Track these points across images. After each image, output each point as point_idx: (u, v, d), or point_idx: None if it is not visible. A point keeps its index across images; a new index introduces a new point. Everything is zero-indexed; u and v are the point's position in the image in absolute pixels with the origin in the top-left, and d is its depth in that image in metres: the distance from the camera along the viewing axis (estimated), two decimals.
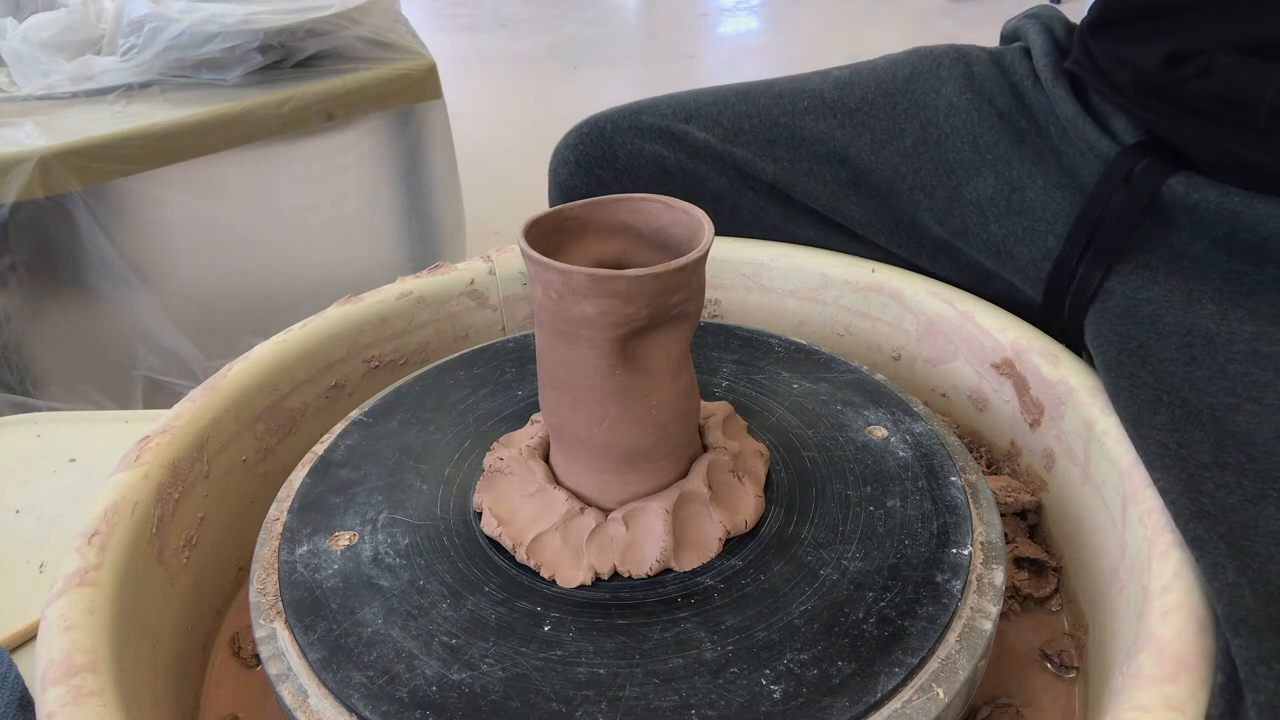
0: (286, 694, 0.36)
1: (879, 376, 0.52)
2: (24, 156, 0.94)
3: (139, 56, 1.09)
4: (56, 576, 0.38)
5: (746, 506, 0.41)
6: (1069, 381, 0.48)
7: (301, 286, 1.21)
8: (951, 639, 0.36)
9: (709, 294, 0.64)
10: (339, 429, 0.50)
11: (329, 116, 1.13)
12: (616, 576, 0.39)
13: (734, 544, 0.40)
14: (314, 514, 0.43)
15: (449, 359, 0.55)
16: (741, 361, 0.54)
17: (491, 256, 0.63)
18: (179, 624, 0.44)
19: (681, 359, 0.39)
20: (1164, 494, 0.38)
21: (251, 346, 0.53)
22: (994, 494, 0.45)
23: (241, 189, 1.13)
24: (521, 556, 0.39)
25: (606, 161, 0.64)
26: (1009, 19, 0.63)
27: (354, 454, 0.47)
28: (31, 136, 0.97)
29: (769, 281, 0.63)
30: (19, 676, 0.41)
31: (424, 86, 1.21)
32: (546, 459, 0.43)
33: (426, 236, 1.34)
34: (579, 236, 0.40)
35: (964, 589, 0.38)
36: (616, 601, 0.38)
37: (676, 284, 0.35)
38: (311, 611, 0.38)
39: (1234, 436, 0.39)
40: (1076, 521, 0.47)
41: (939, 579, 0.38)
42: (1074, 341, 0.52)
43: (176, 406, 0.49)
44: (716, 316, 0.65)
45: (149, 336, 1.08)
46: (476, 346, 0.57)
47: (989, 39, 0.63)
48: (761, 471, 0.44)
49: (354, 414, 0.51)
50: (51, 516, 0.60)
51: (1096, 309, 0.49)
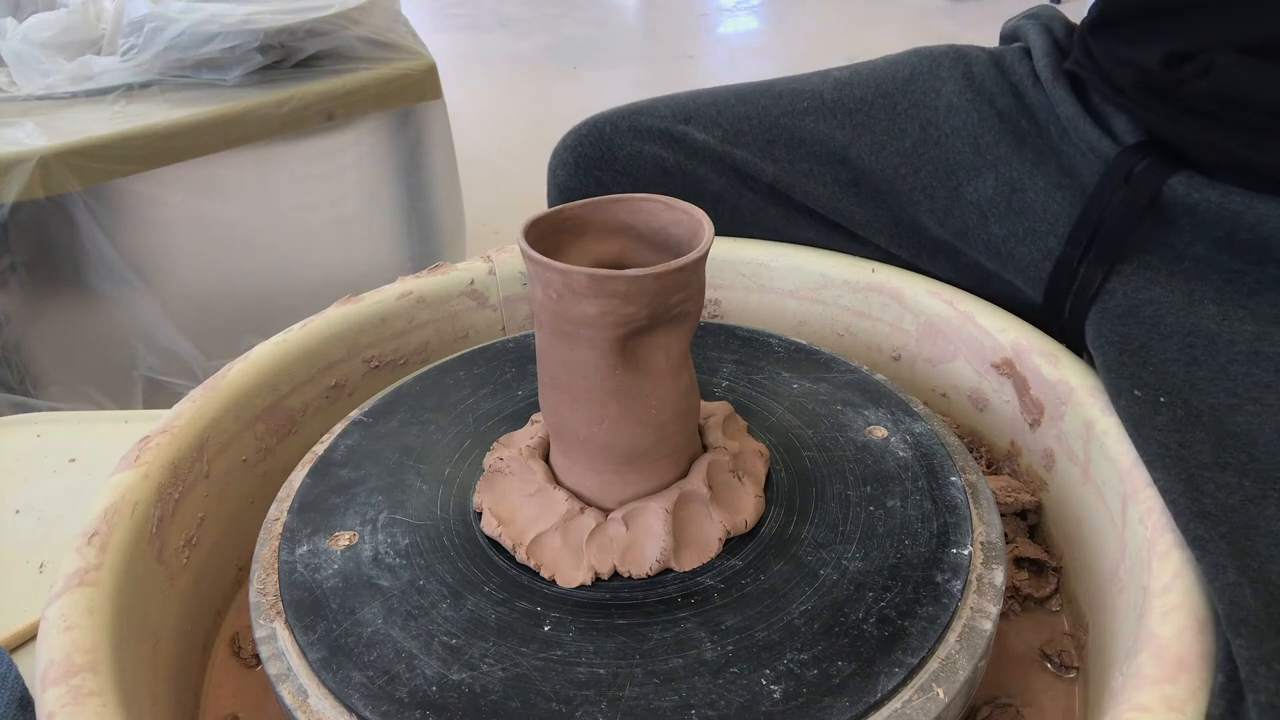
0: (286, 694, 0.36)
1: (879, 376, 0.52)
2: (24, 156, 0.93)
3: (139, 56, 1.09)
4: (56, 576, 0.38)
5: (746, 506, 0.41)
6: (1069, 381, 0.48)
7: (301, 286, 1.21)
8: (951, 639, 0.36)
9: (709, 294, 0.64)
10: (339, 429, 0.50)
11: (329, 116, 1.13)
12: (616, 576, 0.39)
13: (734, 544, 0.40)
14: (314, 514, 0.43)
15: (449, 359, 0.55)
16: (741, 361, 0.54)
17: (491, 256, 0.63)
18: (179, 624, 0.44)
19: (681, 359, 0.39)
20: (1165, 494, 0.38)
21: (251, 346, 0.53)
22: (994, 494, 0.45)
23: (241, 189, 1.13)
24: (521, 556, 0.39)
25: (605, 163, 0.64)
26: (1008, 19, 0.63)
27: (354, 454, 0.47)
28: (31, 136, 0.97)
29: (769, 281, 0.63)
30: (19, 676, 0.41)
31: (424, 86, 1.21)
32: (546, 459, 0.43)
33: (426, 236, 1.34)
34: (579, 236, 0.40)
35: (964, 589, 0.38)
36: (616, 601, 0.38)
37: (676, 284, 0.35)
38: (311, 611, 0.38)
39: (1235, 437, 0.39)
40: (1076, 521, 0.47)
41: (939, 579, 0.38)
42: (1075, 342, 0.52)
43: (176, 406, 0.49)
44: (716, 316, 0.65)
45: (149, 336, 1.08)
46: (476, 346, 0.57)
47: (989, 39, 0.63)
48: (761, 471, 0.44)
49: (354, 414, 0.51)
50: (51, 516, 0.60)
51: (1097, 309, 0.49)
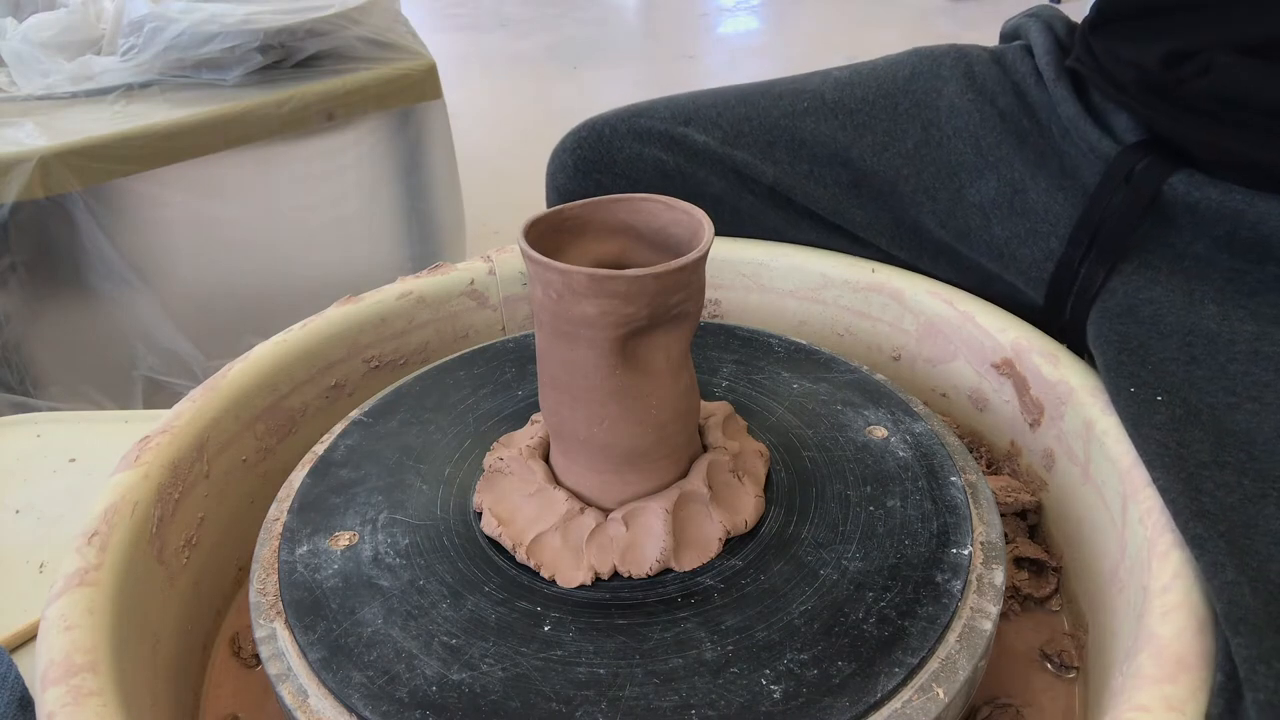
0: (286, 694, 0.36)
1: (879, 376, 0.52)
2: (24, 156, 0.94)
3: (139, 56, 1.09)
4: (56, 576, 0.38)
5: (746, 506, 0.41)
6: (1069, 381, 0.48)
7: (301, 286, 1.21)
8: (951, 639, 0.36)
9: (709, 294, 0.64)
10: (339, 429, 0.50)
11: (329, 116, 1.13)
12: (616, 576, 0.39)
13: (734, 544, 0.40)
14: (314, 514, 0.43)
15: (449, 359, 0.55)
16: (741, 361, 0.54)
17: (491, 256, 0.63)
18: (179, 624, 0.44)
19: (681, 359, 0.39)
20: (1164, 493, 0.38)
21: (251, 346, 0.53)
22: (994, 494, 0.45)
23: (241, 189, 1.13)
24: (521, 556, 0.39)
25: (605, 166, 0.64)
26: (1009, 18, 0.63)
27: (354, 454, 0.47)
28: (31, 136, 0.97)
29: (769, 281, 0.63)
30: (19, 676, 0.41)
31: (424, 86, 1.21)
32: (546, 459, 0.43)
33: (426, 236, 1.34)
34: (579, 236, 0.40)
35: (964, 589, 0.38)
36: (616, 601, 0.38)
37: (676, 284, 0.35)
38: (311, 611, 0.38)
39: (1234, 436, 0.39)
40: (1076, 521, 0.47)
41: (939, 579, 0.38)
42: (1076, 342, 0.52)
43: (176, 406, 0.49)
44: (716, 316, 0.65)
45: (149, 336, 1.08)
46: (476, 346, 0.57)
47: (989, 39, 0.63)
48: (761, 471, 0.44)
49: (354, 414, 0.51)
50: (51, 516, 0.60)
51: (1098, 309, 0.49)
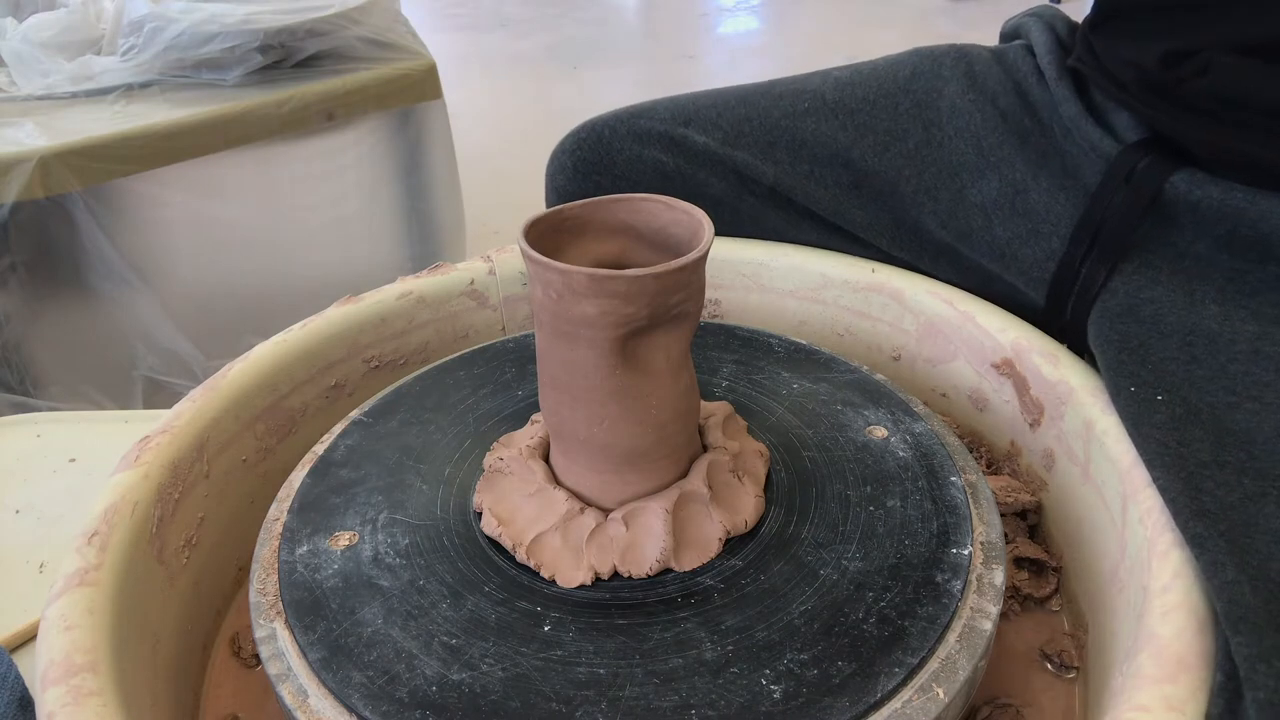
0: (286, 694, 0.36)
1: (879, 376, 0.52)
2: (24, 156, 0.94)
3: (139, 56, 1.09)
4: (56, 576, 0.38)
5: (746, 506, 0.41)
6: (1069, 381, 0.48)
7: (301, 286, 1.21)
8: (951, 639, 0.36)
9: (709, 294, 0.64)
10: (339, 429, 0.50)
11: (329, 116, 1.13)
12: (616, 576, 0.39)
13: (734, 544, 0.40)
14: (314, 514, 0.43)
15: (449, 359, 0.55)
16: (741, 361, 0.54)
17: (491, 256, 0.63)
18: (179, 624, 0.44)
19: (681, 359, 0.39)
20: (1164, 493, 0.38)
21: (251, 346, 0.53)
22: (994, 494, 0.45)
23: (241, 189, 1.13)
24: (521, 556, 0.39)
25: (605, 167, 0.64)
26: (1009, 18, 0.63)
27: (354, 454, 0.47)
28: (31, 136, 0.97)
29: (769, 281, 0.63)
30: (19, 676, 0.41)
31: (424, 86, 1.21)
32: (546, 459, 0.43)
33: (426, 236, 1.34)
34: (579, 236, 0.40)
35: (964, 589, 0.38)
36: (616, 601, 0.38)
37: (676, 284, 0.35)
38: (311, 611, 0.38)
39: (1234, 435, 0.39)
40: (1076, 521, 0.47)
41: (939, 579, 0.38)
42: (1077, 343, 0.52)
43: (176, 406, 0.49)
44: (716, 316, 0.65)
45: (149, 336, 1.08)
46: (476, 346, 0.57)
47: (989, 39, 0.63)
48: (761, 471, 0.44)
49: (354, 414, 0.51)
50: (51, 516, 0.60)
51: (1099, 309, 0.49)
